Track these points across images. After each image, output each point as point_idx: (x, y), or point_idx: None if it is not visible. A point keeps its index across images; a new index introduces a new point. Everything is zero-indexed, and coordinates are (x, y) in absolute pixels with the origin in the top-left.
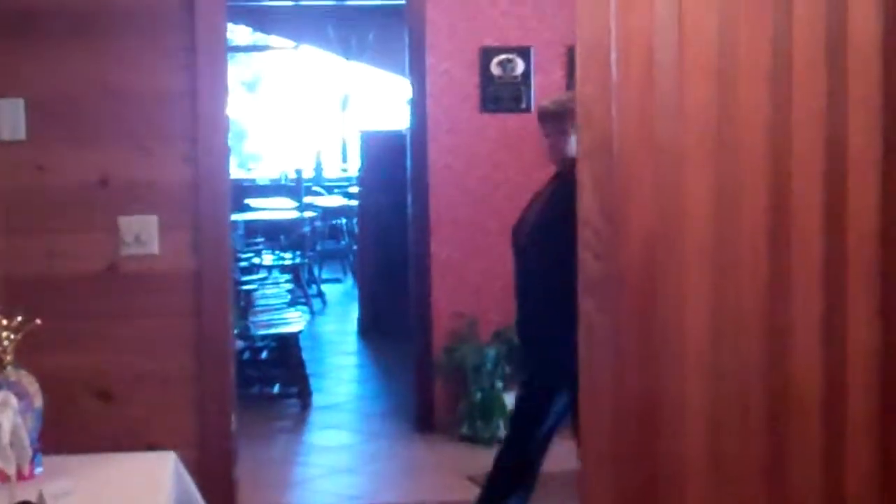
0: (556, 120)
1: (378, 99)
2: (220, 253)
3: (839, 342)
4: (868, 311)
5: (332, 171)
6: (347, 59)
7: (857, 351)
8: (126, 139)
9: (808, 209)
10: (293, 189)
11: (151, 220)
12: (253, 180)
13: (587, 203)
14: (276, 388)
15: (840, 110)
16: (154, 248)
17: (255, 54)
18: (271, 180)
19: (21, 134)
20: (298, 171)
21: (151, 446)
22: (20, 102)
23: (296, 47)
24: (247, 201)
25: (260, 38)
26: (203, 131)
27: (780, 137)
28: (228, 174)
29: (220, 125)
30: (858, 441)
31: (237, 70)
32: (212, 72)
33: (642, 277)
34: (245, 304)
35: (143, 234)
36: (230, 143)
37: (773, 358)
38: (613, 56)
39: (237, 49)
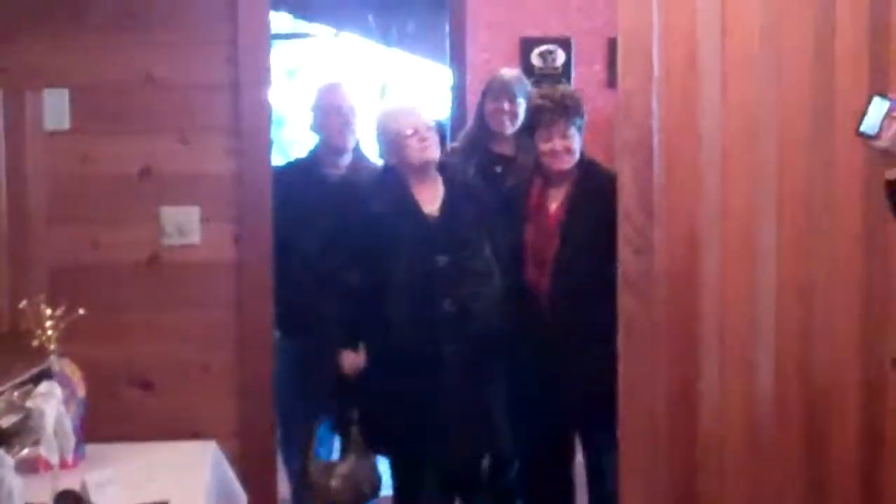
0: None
1: (417, 87)
2: (261, 244)
3: (878, 346)
4: None
5: (370, 158)
6: (388, 46)
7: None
8: (169, 130)
9: (845, 211)
10: None
11: (193, 211)
12: None
13: (628, 198)
14: None
15: None
16: (196, 238)
17: (295, 41)
18: None
19: (65, 124)
20: None
21: (193, 436)
22: (64, 93)
23: (336, 34)
24: None
25: (301, 25)
26: (246, 124)
27: (824, 129)
28: (271, 167)
29: (262, 118)
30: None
31: (278, 57)
32: (255, 64)
33: (683, 272)
34: None
35: (185, 224)
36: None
37: (807, 356)
38: (655, 48)
39: (278, 37)
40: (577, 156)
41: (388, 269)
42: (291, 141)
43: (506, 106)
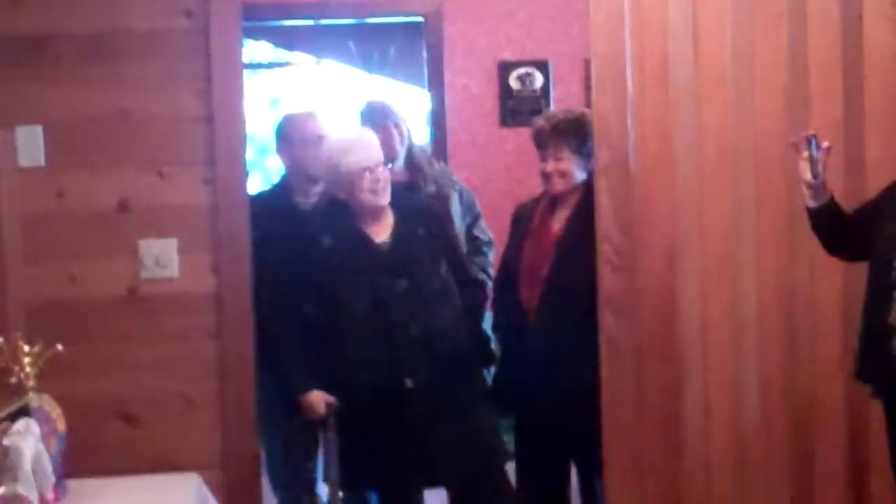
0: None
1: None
2: (240, 274)
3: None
4: None
5: None
6: (369, 73)
7: None
8: (144, 163)
9: None
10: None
11: (171, 244)
12: None
13: (605, 218)
14: None
15: (857, 121)
16: (174, 270)
17: (277, 69)
18: None
19: (40, 160)
20: None
21: (175, 468)
22: (38, 129)
23: (317, 62)
24: None
25: (282, 53)
26: (221, 154)
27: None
28: (247, 196)
29: (237, 148)
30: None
31: (260, 86)
32: (228, 96)
33: (662, 290)
34: None
35: (162, 257)
36: (254, 159)
37: (792, 371)
38: (629, 71)
39: (259, 66)
40: (573, 178)
41: (346, 302)
42: (275, 168)
43: (393, 130)
